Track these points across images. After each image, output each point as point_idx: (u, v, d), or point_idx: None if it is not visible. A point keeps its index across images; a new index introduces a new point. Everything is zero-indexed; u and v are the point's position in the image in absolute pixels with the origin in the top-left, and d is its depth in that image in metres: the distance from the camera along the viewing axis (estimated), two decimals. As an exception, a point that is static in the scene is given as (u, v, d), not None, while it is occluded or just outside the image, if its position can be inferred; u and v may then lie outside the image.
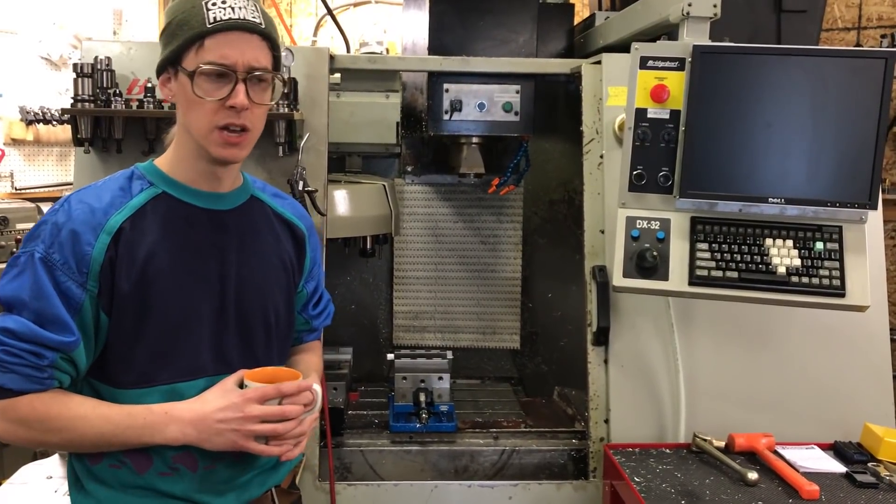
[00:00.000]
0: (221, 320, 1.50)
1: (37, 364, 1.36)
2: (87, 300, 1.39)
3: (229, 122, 1.42)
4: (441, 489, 2.32)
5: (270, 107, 1.53)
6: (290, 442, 1.47)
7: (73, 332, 1.38)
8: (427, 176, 3.08)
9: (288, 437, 1.46)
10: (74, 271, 1.38)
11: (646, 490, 1.88)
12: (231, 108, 1.41)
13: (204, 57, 1.40)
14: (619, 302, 2.27)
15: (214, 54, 1.40)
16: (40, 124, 4.10)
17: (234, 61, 1.41)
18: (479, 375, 3.18)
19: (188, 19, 1.42)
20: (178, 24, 1.43)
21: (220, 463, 1.51)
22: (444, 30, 2.69)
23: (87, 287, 1.39)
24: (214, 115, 1.42)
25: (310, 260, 1.72)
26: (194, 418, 1.42)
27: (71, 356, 1.39)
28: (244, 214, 1.58)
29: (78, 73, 2.24)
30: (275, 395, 1.44)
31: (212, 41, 1.40)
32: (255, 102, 1.44)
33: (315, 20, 5.10)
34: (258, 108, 1.46)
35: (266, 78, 1.46)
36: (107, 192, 1.46)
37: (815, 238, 1.94)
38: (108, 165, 2.31)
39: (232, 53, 1.40)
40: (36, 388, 1.37)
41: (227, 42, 1.41)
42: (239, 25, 1.41)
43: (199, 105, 1.42)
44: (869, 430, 2.11)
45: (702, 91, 1.92)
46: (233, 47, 1.41)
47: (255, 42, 1.43)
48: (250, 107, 1.43)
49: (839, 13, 4.79)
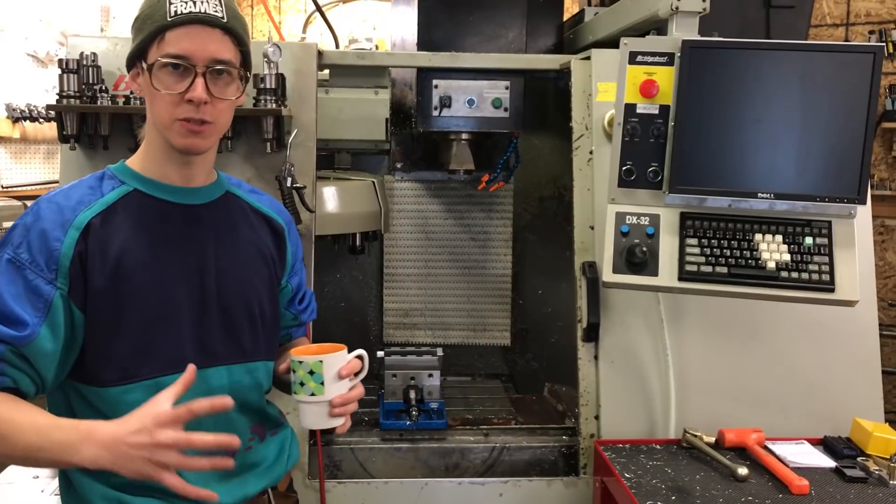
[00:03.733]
0: (203, 313, 1.50)
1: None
2: (57, 297, 1.38)
3: (188, 116, 1.42)
4: (431, 486, 2.32)
5: (238, 103, 1.52)
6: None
7: (26, 326, 1.35)
8: (417, 172, 3.07)
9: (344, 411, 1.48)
10: (43, 269, 1.38)
11: (636, 486, 1.88)
12: (190, 101, 1.41)
13: (164, 50, 1.41)
14: (609, 298, 2.27)
15: (174, 47, 1.41)
16: (27, 122, 4.07)
17: (192, 54, 1.41)
18: (470, 372, 3.17)
19: (152, 13, 1.43)
20: (143, 18, 1.45)
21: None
22: (433, 26, 2.68)
23: (57, 284, 1.38)
24: (175, 108, 1.42)
25: (292, 254, 1.71)
26: (108, 440, 1.29)
27: (23, 353, 1.36)
28: (219, 208, 1.58)
29: (63, 68, 2.22)
30: (187, 418, 1.31)
31: (172, 34, 1.41)
32: (216, 97, 1.43)
33: (304, 16, 5.09)
34: (220, 102, 1.45)
35: (229, 71, 1.45)
36: (76, 191, 1.47)
37: (805, 233, 1.94)
38: (95, 162, 2.29)
39: (191, 47, 1.41)
40: None
41: (187, 35, 1.41)
42: (200, 19, 1.41)
43: (160, 98, 1.43)
44: (858, 424, 2.11)
45: (691, 86, 1.92)
46: (192, 41, 1.41)
47: (217, 36, 1.43)
48: (211, 101, 1.42)
49: (828, 9, 4.81)
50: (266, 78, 2.23)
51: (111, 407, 1.44)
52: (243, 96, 1.55)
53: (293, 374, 1.50)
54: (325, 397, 1.49)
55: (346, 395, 1.50)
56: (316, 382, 1.48)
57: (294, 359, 1.49)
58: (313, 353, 1.50)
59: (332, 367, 1.49)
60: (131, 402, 1.43)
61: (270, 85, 2.23)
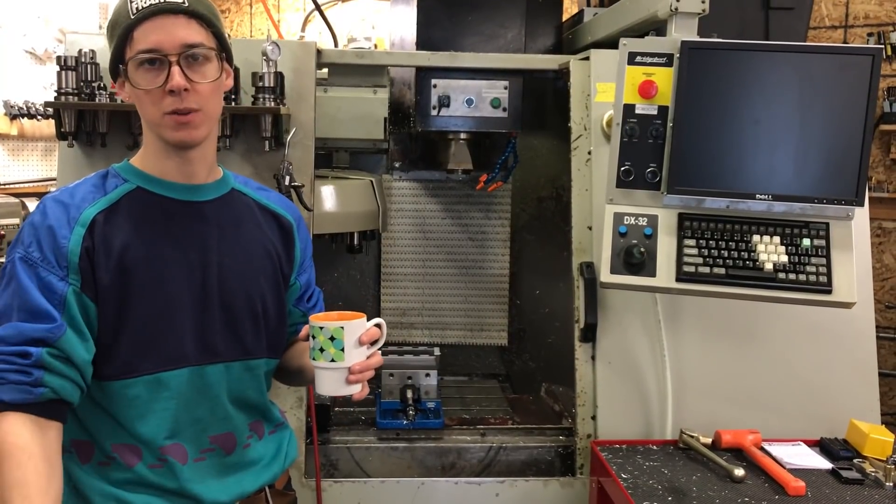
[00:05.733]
0: (204, 309, 1.50)
1: (23, 367, 1.33)
2: (70, 293, 1.39)
3: (174, 107, 1.42)
4: (428, 486, 2.31)
5: (223, 83, 1.50)
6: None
7: (55, 318, 1.36)
8: (415, 172, 3.07)
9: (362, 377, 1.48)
10: (55, 266, 1.39)
11: (633, 487, 1.88)
12: (172, 92, 1.41)
13: (135, 48, 1.41)
14: (607, 298, 2.27)
15: (143, 43, 1.41)
16: (24, 119, 4.06)
17: (161, 45, 1.40)
18: (467, 372, 3.17)
19: (117, 18, 1.44)
20: (111, 26, 1.46)
21: (211, 455, 1.50)
22: (432, 25, 2.68)
23: (70, 280, 1.39)
24: (160, 102, 1.42)
25: (300, 251, 1.70)
26: None
27: (60, 348, 1.36)
28: (224, 205, 1.57)
29: (61, 65, 2.22)
30: None
31: (139, 31, 1.41)
32: (196, 81, 1.43)
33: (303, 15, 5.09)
34: (202, 86, 1.44)
35: (204, 54, 1.45)
36: (80, 189, 1.48)
37: (803, 234, 1.94)
38: (93, 160, 2.29)
39: (159, 38, 1.41)
40: (25, 398, 1.33)
41: (152, 28, 1.41)
42: (160, 9, 1.41)
43: (144, 96, 1.43)
44: (854, 426, 2.11)
45: (690, 87, 1.92)
46: (159, 31, 1.41)
47: (182, 21, 1.43)
48: (192, 87, 1.42)
49: (826, 11, 4.81)
50: (265, 76, 2.23)
51: (111, 401, 1.45)
52: (230, 79, 1.54)
53: (312, 340, 1.48)
54: (344, 364, 1.47)
55: (366, 363, 1.49)
56: (336, 349, 1.46)
57: (315, 324, 1.47)
58: (333, 320, 1.49)
59: (353, 334, 1.47)
60: (131, 397, 1.44)
61: (269, 83, 2.23)
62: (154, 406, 1.45)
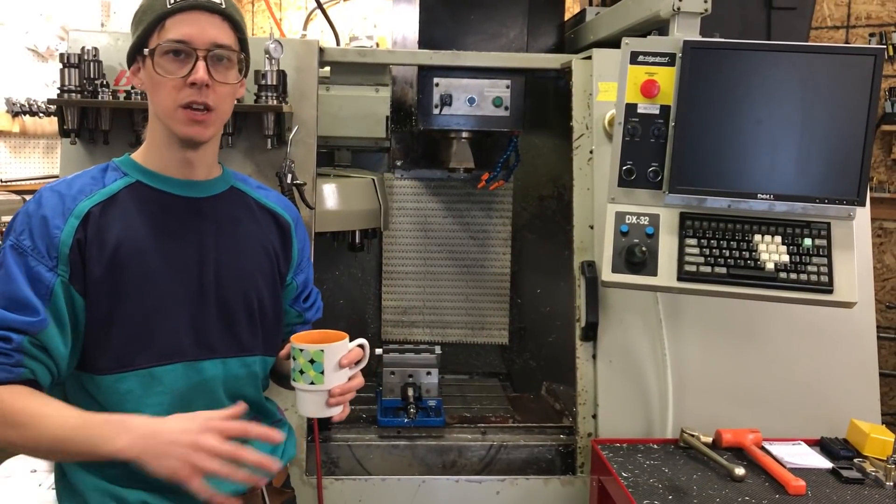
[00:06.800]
0: (201, 304, 1.50)
1: (4, 350, 1.35)
2: (58, 284, 1.39)
3: (192, 100, 1.43)
4: (429, 484, 2.32)
5: (237, 90, 1.53)
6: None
7: (39, 312, 1.37)
8: (416, 170, 3.07)
9: (342, 400, 1.48)
10: (44, 255, 1.40)
11: (633, 485, 1.88)
12: (193, 85, 1.42)
13: (165, 36, 1.43)
14: (608, 297, 2.27)
15: (174, 33, 1.43)
16: (26, 116, 4.06)
17: (192, 39, 1.43)
18: (468, 371, 3.17)
19: (152, 4, 1.46)
20: (143, 10, 1.48)
21: None
22: (435, 24, 2.69)
23: (58, 272, 1.40)
24: (178, 93, 1.44)
25: (298, 251, 1.71)
26: (147, 432, 1.31)
27: (40, 339, 1.37)
28: (223, 202, 1.58)
29: (64, 63, 2.22)
30: (236, 434, 1.33)
31: (172, 21, 1.43)
32: (218, 81, 1.45)
33: (305, 13, 5.09)
34: (221, 87, 1.46)
35: (229, 56, 1.48)
36: (79, 180, 1.49)
37: (804, 234, 1.94)
38: (95, 157, 2.29)
39: (191, 31, 1.43)
40: (6, 377, 1.35)
41: (186, 21, 1.43)
42: (199, 5, 1.44)
43: (162, 85, 1.44)
44: (855, 426, 2.12)
45: (692, 86, 1.92)
46: (192, 25, 1.43)
47: (216, 21, 1.46)
48: (212, 85, 1.44)
49: (828, 11, 4.81)
50: (267, 74, 2.23)
51: (105, 395, 1.45)
52: (242, 88, 1.56)
53: (293, 362, 1.49)
54: (324, 387, 1.47)
55: (346, 385, 1.49)
56: (316, 371, 1.46)
57: (295, 346, 1.48)
58: (315, 341, 1.48)
59: (333, 357, 1.47)
60: (124, 391, 1.44)
61: (271, 81, 2.23)
62: (147, 401, 1.46)
